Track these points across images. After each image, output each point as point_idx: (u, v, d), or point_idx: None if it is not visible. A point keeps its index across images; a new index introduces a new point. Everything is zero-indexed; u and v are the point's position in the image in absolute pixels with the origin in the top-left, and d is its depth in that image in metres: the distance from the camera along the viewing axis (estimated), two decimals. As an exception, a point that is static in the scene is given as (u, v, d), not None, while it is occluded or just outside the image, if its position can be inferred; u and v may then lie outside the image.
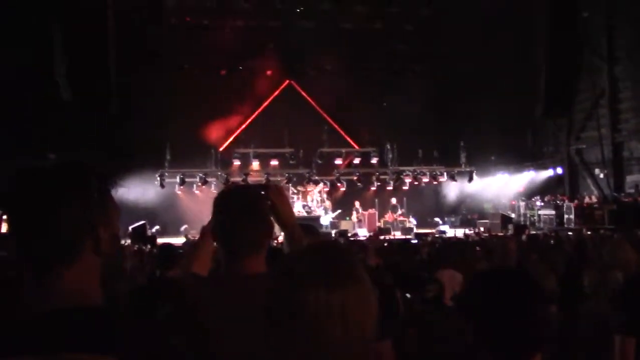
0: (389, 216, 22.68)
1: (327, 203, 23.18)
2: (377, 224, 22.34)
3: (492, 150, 25.05)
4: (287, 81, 26.65)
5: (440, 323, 6.31)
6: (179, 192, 23.01)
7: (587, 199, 22.35)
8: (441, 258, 7.90)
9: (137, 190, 21.38)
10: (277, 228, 2.21)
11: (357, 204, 22.69)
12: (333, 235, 19.84)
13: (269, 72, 25.71)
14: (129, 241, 18.71)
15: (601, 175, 23.70)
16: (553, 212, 22.11)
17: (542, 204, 23.12)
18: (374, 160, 25.13)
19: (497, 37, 22.42)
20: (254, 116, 26.02)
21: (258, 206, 1.99)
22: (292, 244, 2.20)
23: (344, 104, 24.93)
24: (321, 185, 23.96)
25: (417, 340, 6.16)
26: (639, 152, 22.56)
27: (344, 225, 22.05)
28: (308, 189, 23.67)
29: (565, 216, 21.51)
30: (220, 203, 2.00)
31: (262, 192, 2.13)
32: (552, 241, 9.27)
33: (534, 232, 18.62)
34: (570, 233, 14.47)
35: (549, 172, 25.09)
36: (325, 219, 21.77)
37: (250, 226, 1.94)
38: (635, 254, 4.01)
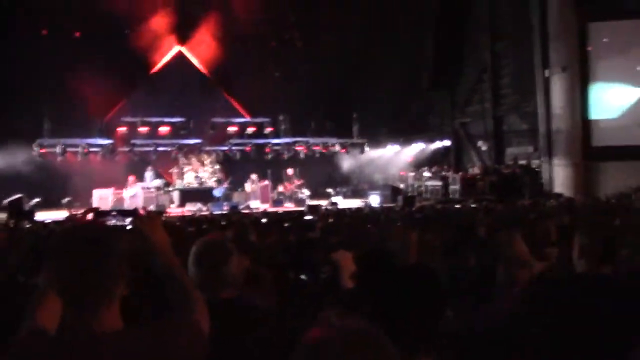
0: (284, 187, 22.60)
1: (220, 174, 22.76)
2: (271, 195, 22.22)
3: (383, 122, 25.57)
4: (178, 47, 25.68)
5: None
6: (60, 161, 21.58)
7: (471, 171, 23.38)
8: (337, 239, 7.91)
9: (13, 161, 19.94)
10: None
11: (253, 176, 22.38)
12: (225, 208, 19.52)
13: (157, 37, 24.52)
14: (4, 216, 17.47)
15: (483, 148, 24.89)
16: (440, 183, 22.95)
17: (430, 175, 23.94)
18: (267, 131, 24.88)
19: (386, 12, 22.80)
20: (143, 84, 24.84)
21: (103, 247, 1.63)
22: (172, 290, 1.84)
23: (236, 73, 24.38)
24: (213, 155, 23.45)
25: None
26: (517, 125, 23.88)
27: (237, 197, 21.75)
28: (200, 160, 23.08)
29: (451, 187, 22.40)
30: (56, 245, 1.64)
31: (130, 222, 1.82)
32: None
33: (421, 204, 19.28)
34: (457, 206, 15.03)
35: (437, 144, 26.02)
36: (218, 191, 21.37)
37: (86, 273, 1.59)
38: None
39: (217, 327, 1.76)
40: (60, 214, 17.06)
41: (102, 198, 19.63)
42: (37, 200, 19.02)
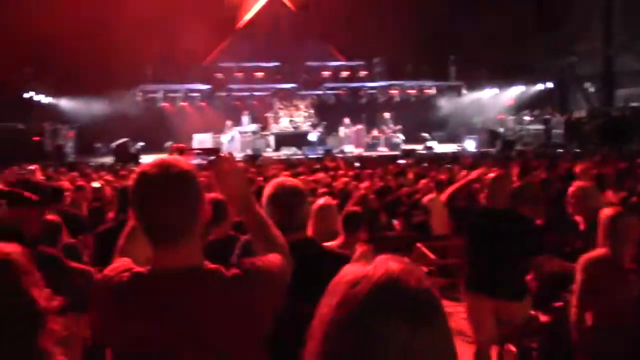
0: (378, 131, 22.41)
1: (314, 118, 22.82)
2: (365, 139, 22.09)
3: (482, 63, 24.48)
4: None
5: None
6: (162, 106, 22.53)
7: (576, 114, 22.13)
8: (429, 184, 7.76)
9: (118, 106, 20.92)
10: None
11: (346, 120, 22.29)
12: (321, 153, 19.63)
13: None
14: (112, 159, 18.52)
15: (591, 89, 23.43)
16: (542, 126, 21.93)
17: (531, 118, 22.90)
18: (362, 74, 24.60)
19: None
20: (238, 28, 25.07)
21: (178, 183, 1.64)
22: (253, 232, 1.89)
23: (332, 15, 24.02)
24: (308, 99, 23.53)
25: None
26: (630, 66, 22.17)
27: (331, 141, 21.81)
28: (294, 104, 23.22)
29: (554, 131, 21.37)
30: (136, 182, 1.66)
31: (210, 161, 1.83)
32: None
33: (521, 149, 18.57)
34: (559, 150, 14.34)
35: (539, 86, 24.72)
36: (313, 135, 21.49)
37: (166, 208, 1.62)
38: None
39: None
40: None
41: (201, 142, 20.27)
42: (141, 144, 19.93)
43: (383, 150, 21.03)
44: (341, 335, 0.88)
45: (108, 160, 18.57)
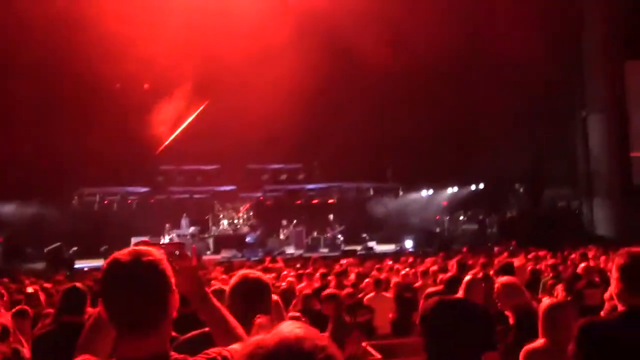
0: (318, 232, 22.54)
1: (254, 220, 22.82)
2: (305, 240, 22.14)
3: (416, 165, 25.31)
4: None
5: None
6: (99, 209, 22.06)
7: (508, 214, 23.00)
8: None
9: (51, 209, 20.39)
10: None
11: (285, 221, 22.42)
12: (261, 254, 19.48)
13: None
14: (44, 265, 17.80)
15: (521, 190, 24.46)
16: (476, 226, 22.62)
17: (465, 218, 23.63)
18: (301, 176, 25.02)
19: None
20: (177, 132, 25.24)
21: (149, 272, 1.65)
22: (212, 326, 1.96)
23: (271, 118, 24.57)
24: (248, 201, 23.60)
25: None
26: (555, 167, 23.38)
27: (271, 242, 21.75)
28: (234, 206, 23.23)
29: (488, 230, 22.05)
30: (107, 269, 1.68)
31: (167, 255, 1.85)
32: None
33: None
34: (496, 249, 14.81)
35: (472, 188, 25.68)
36: (252, 237, 21.41)
37: (136, 297, 1.63)
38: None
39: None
40: (98, 262, 17.27)
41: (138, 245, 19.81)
42: (75, 248, 19.31)
43: (324, 251, 21.08)
44: None
45: (40, 265, 17.83)
